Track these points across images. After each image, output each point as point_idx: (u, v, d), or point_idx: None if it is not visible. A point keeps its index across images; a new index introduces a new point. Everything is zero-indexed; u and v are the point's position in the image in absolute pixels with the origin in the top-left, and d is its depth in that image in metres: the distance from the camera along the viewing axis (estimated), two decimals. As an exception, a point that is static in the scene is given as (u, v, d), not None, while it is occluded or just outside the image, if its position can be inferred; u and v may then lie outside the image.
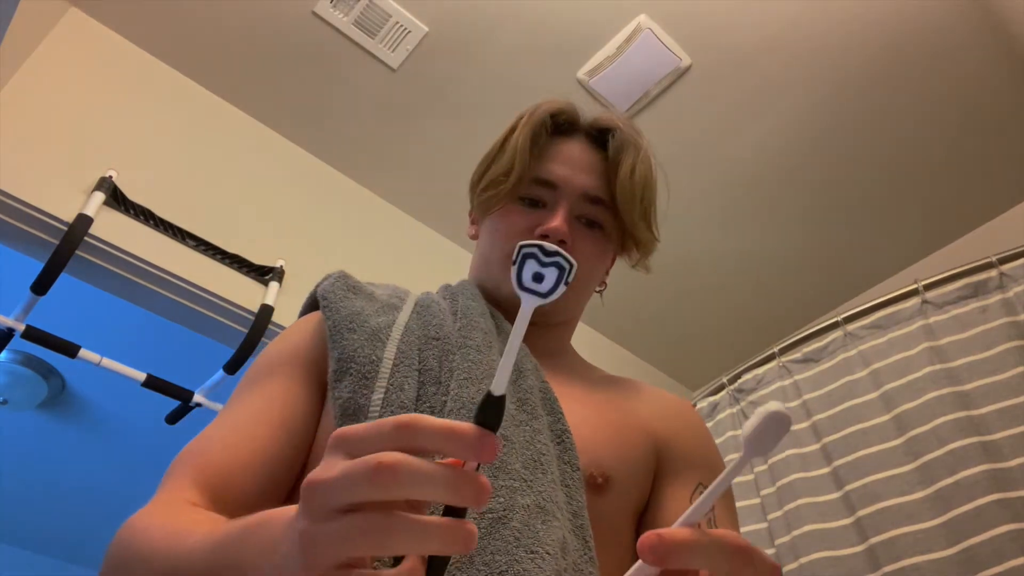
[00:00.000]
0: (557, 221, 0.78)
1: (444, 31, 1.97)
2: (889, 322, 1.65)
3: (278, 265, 1.94)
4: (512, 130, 0.86)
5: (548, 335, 0.84)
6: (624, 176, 0.83)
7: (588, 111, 0.89)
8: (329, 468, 0.36)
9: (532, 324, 0.82)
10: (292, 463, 0.67)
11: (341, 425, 0.65)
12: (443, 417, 0.58)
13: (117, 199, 1.72)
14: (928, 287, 1.63)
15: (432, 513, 0.37)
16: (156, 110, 1.97)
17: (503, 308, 0.81)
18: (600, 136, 0.88)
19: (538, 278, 0.38)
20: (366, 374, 0.67)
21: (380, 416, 0.63)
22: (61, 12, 1.87)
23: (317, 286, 0.80)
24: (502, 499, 0.58)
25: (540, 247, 0.38)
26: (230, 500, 0.61)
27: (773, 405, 0.35)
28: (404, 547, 0.35)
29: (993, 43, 1.88)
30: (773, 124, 2.11)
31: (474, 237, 0.90)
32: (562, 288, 0.38)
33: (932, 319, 1.58)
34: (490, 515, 0.57)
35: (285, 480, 0.66)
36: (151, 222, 1.77)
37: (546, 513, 0.59)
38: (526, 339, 0.74)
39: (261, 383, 0.72)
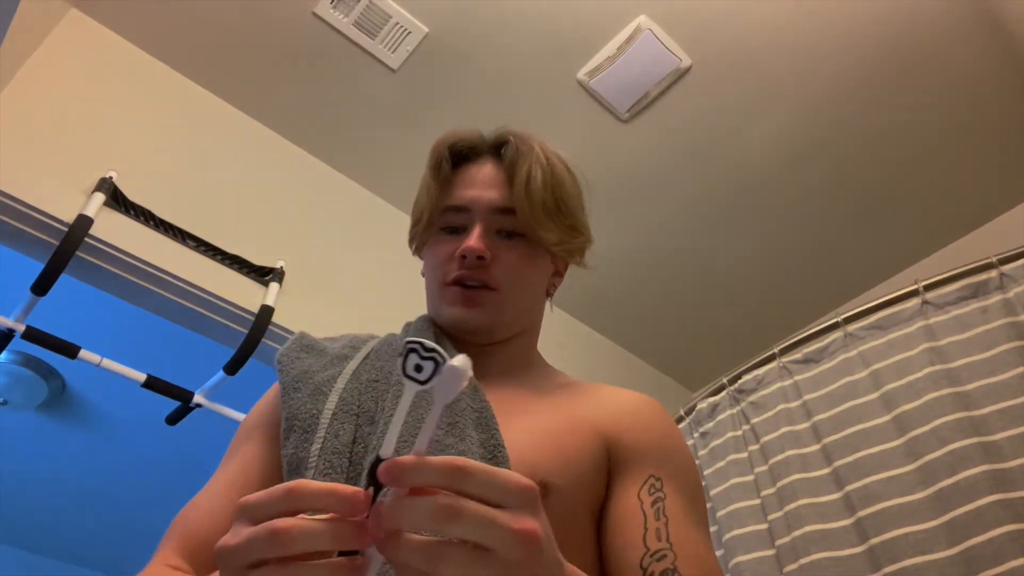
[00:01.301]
0: (470, 240, 0.81)
1: (444, 32, 1.97)
2: (889, 323, 1.65)
3: (278, 266, 1.94)
4: None
5: (503, 351, 0.86)
6: (519, 182, 0.84)
7: (489, 132, 0.92)
8: (236, 534, 0.43)
9: (485, 345, 0.85)
10: None
11: (289, 479, 0.70)
12: (370, 453, 0.64)
13: (117, 200, 1.72)
14: (928, 287, 1.63)
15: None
16: (156, 111, 1.97)
17: (452, 336, 0.85)
18: (499, 151, 0.90)
19: (418, 369, 0.43)
20: (307, 428, 0.72)
21: (317, 465, 0.68)
22: (61, 13, 1.88)
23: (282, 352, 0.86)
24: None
25: (421, 344, 0.43)
26: (208, 563, 0.68)
27: (457, 360, 0.43)
28: None
29: (993, 43, 1.88)
30: (773, 124, 2.11)
31: (423, 273, 0.94)
32: (436, 379, 0.43)
33: (932, 320, 1.58)
34: None
35: None
36: (151, 223, 1.77)
37: None
38: (482, 358, 0.79)
39: (239, 449, 0.80)
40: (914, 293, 1.64)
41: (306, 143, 2.23)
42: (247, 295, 1.86)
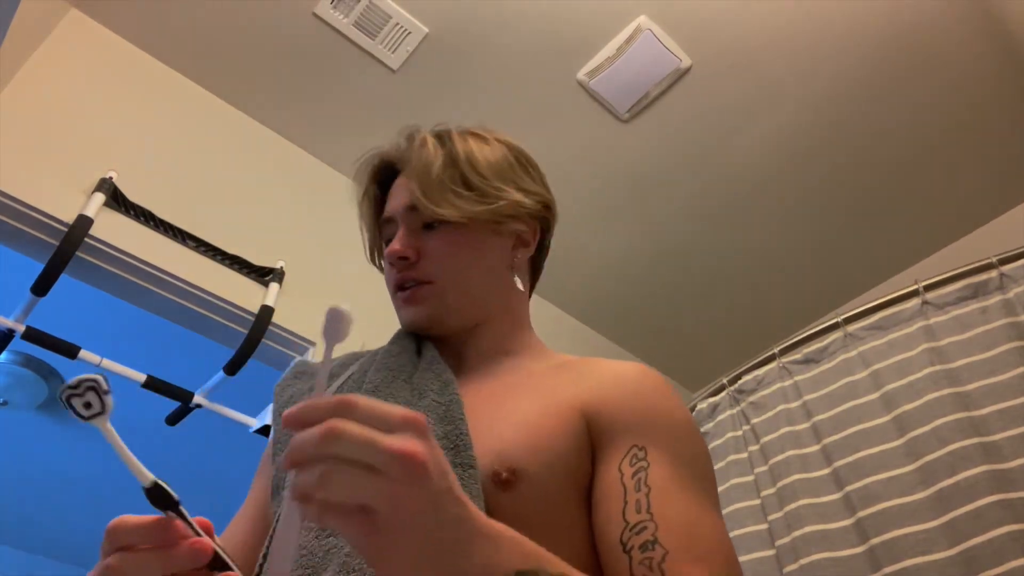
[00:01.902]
0: (393, 245, 0.83)
1: (444, 32, 1.97)
2: (889, 323, 1.65)
3: (278, 266, 1.94)
4: None
5: (477, 339, 0.85)
6: (411, 173, 0.85)
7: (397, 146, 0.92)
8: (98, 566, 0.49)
9: (457, 338, 0.86)
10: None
11: (274, 503, 0.75)
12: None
13: (117, 200, 1.72)
14: (928, 288, 1.63)
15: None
16: (156, 111, 1.97)
17: (427, 338, 0.85)
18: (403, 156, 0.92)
19: (88, 405, 0.44)
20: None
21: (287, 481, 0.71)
22: (62, 13, 1.88)
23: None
24: None
25: (66, 387, 0.44)
26: None
27: (343, 306, 0.46)
28: None
29: (993, 44, 1.88)
30: (773, 124, 2.11)
31: None
32: (108, 397, 0.45)
33: (932, 320, 1.58)
34: (333, 550, 0.63)
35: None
36: (151, 223, 1.77)
37: None
38: (459, 348, 0.84)
39: (255, 480, 0.85)
40: (914, 293, 1.64)
41: (306, 143, 2.23)
42: (247, 295, 1.86)
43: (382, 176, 0.92)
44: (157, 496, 0.47)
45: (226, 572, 0.47)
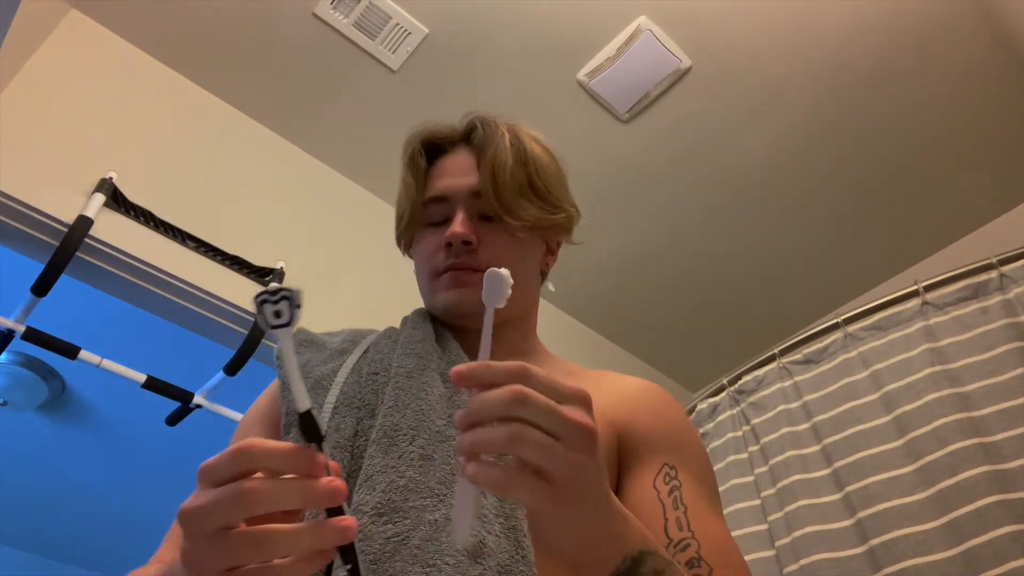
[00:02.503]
0: (454, 226, 0.82)
1: (444, 33, 1.97)
2: (889, 323, 1.65)
3: (278, 266, 1.94)
4: None
5: (500, 337, 0.85)
6: (487, 164, 0.84)
7: (457, 123, 0.93)
8: (198, 497, 0.43)
9: (466, 332, 0.83)
10: None
11: None
12: (368, 449, 0.65)
13: (117, 200, 1.72)
14: (928, 288, 1.63)
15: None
16: (156, 112, 1.97)
17: (451, 325, 0.84)
18: (472, 138, 0.91)
19: (278, 315, 0.44)
20: None
21: None
22: (62, 14, 1.88)
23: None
24: (410, 520, 0.61)
25: (267, 292, 0.44)
26: None
27: (502, 270, 0.51)
28: (277, 551, 0.42)
29: (993, 43, 1.88)
30: (773, 125, 2.11)
31: (415, 271, 0.94)
32: (299, 311, 0.44)
33: (932, 320, 1.58)
34: (396, 538, 0.60)
35: None
36: (151, 223, 1.77)
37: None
38: (475, 345, 0.79)
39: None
40: (914, 294, 1.64)
41: (306, 144, 2.23)
42: (247, 296, 1.86)
43: (430, 153, 0.91)
44: (309, 425, 0.44)
45: (342, 517, 0.44)
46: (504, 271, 0.51)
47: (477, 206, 0.84)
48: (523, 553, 0.62)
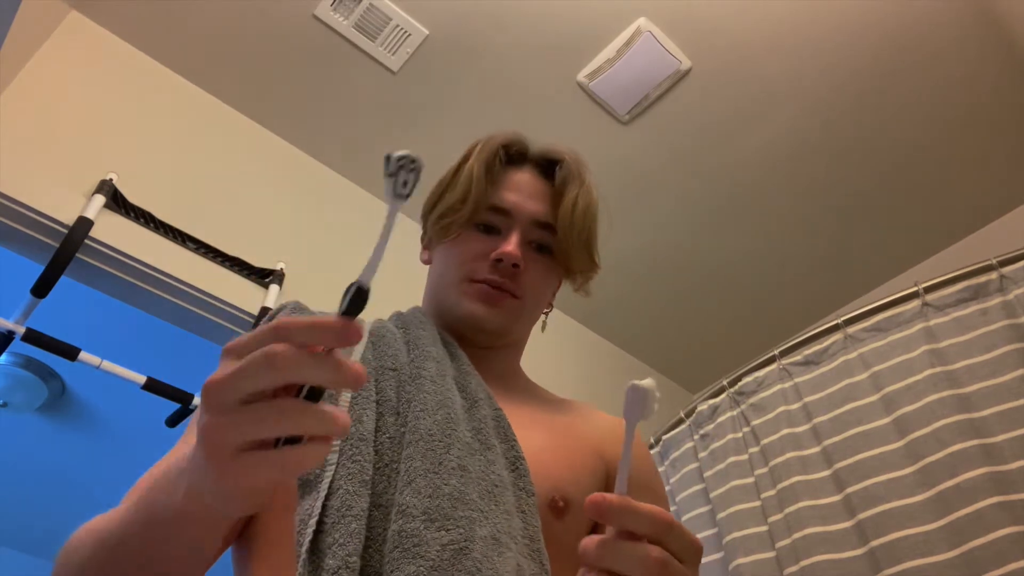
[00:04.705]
0: (511, 246, 0.82)
1: (444, 34, 1.97)
2: (889, 324, 1.65)
3: (278, 267, 1.94)
4: (465, 159, 0.89)
5: (497, 358, 0.87)
6: (567, 205, 0.86)
7: (536, 142, 0.93)
8: (224, 369, 0.41)
9: (483, 349, 0.84)
10: None
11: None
12: (404, 450, 0.64)
13: (117, 202, 1.72)
14: (928, 289, 1.63)
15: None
16: (157, 113, 1.97)
17: (455, 332, 0.84)
18: (548, 166, 0.92)
19: (405, 184, 0.41)
20: None
21: (342, 450, 0.65)
22: (62, 15, 1.88)
23: (273, 315, 0.82)
24: (462, 529, 0.60)
25: (408, 158, 0.41)
26: None
27: (645, 382, 0.45)
28: (295, 427, 0.40)
29: (993, 44, 1.88)
30: (773, 126, 2.11)
31: (427, 262, 0.93)
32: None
33: (932, 321, 1.58)
34: (452, 546, 0.59)
35: None
36: (151, 225, 1.77)
37: (500, 544, 0.61)
38: (477, 365, 0.80)
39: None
40: (914, 295, 1.64)
41: (306, 145, 2.23)
42: (247, 297, 1.86)
43: (504, 158, 0.90)
44: (360, 299, 0.41)
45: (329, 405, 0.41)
46: (651, 385, 0.45)
47: (534, 234, 0.86)
48: (545, 568, 0.64)
